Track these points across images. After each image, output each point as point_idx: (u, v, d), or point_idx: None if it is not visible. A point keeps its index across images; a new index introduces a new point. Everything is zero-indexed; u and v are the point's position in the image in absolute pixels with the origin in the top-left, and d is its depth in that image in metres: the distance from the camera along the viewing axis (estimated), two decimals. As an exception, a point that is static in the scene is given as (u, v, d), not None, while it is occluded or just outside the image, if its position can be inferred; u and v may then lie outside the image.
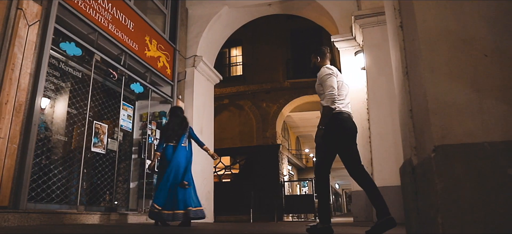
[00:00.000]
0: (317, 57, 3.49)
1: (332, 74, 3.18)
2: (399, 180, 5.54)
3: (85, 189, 4.74)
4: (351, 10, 7.04)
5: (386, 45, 5.99)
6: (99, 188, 5.09)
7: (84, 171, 4.57)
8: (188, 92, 7.42)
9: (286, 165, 16.18)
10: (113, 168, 5.14)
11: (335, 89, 3.08)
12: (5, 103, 3.46)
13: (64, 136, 4.40)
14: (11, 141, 3.50)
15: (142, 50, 5.90)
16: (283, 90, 15.17)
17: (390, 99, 5.75)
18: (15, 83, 3.58)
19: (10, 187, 3.46)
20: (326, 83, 3.14)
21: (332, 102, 3.03)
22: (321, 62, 3.44)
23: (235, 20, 8.34)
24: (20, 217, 3.50)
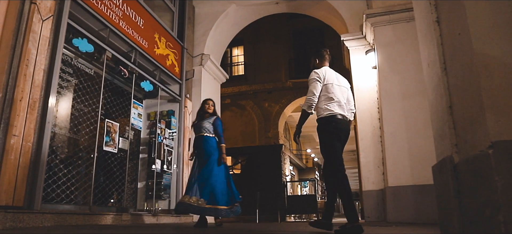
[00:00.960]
0: (316, 59, 3.52)
1: (316, 79, 3.23)
2: (413, 179, 5.52)
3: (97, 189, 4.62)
4: (361, 9, 6.98)
5: (398, 44, 5.95)
6: (108, 188, 4.99)
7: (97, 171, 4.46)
8: (196, 91, 7.33)
9: (288, 165, 16.12)
10: (123, 167, 5.03)
11: (315, 95, 3.16)
12: (20, 100, 3.35)
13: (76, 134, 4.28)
14: (25, 139, 3.39)
15: (151, 48, 5.80)
16: (285, 90, 15.10)
17: (403, 98, 5.70)
18: (29, 80, 3.48)
19: (24, 187, 3.35)
20: (310, 87, 3.21)
21: (308, 107, 3.16)
22: (319, 64, 3.46)
23: (242, 19, 8.26)
24: (35, 217, 3.40)
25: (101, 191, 4.74)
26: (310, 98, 3.16)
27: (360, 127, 6.43)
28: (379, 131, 6.34)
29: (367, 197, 6.15)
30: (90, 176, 4.39)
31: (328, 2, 7.21)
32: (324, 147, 3.22)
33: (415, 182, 5.38)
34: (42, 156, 3.54)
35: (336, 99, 3.21)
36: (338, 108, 3.22)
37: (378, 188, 6.13)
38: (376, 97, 6.48)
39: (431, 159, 5.42)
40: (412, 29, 5.92)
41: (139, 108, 5.36)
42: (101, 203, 4.91)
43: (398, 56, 5.87)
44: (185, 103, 6.78)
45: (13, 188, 3.23)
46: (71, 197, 4.30)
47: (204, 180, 3.98)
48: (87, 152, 4.54)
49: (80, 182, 4.43)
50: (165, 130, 6.09)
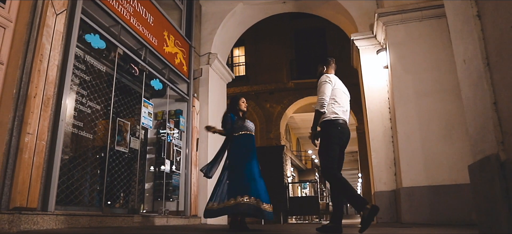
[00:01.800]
0: (323, 66, 3.73)
1: (327, 82, 3.43)
2: (428, 180, 5.43)
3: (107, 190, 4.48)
4: (371, 8, 6.93)
5: (411, 43, 5.88)
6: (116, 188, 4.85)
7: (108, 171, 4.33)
8: (203, 90, 7.21)
9: (289, 166, 16.02)
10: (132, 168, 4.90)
11: (326, 96, 3.35)
12: (34, 97, 3.22)
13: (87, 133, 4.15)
14: (39, 137, 3.26)
15: (161, 46, 5.68)
16: (287, 91, 15.03)
17: (416, 98, 5.63)
18: (43, 76, 3.34)
19: (38, 187, 3.21)
20: (320, 89, 3.42)
21: (320, 106, 3.33)
22: (326, 72, 3.67)
23: (249, 18, 8.16)
24: (49, 219, 3.26)
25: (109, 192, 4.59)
26: (322, 98, 3.35)
27: (371, 127, 6.35)
28: (390, 131, 6.27)
29: (379, 197, 6.07)
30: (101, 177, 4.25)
31: (337, 1, 7.13)
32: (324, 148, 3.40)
33: (429, 182, 5.31)
34: (56, 155, 3.41)
35: (341, 105, 3.45)
36: (342, 114, 3.45)
37: (390, 188, 6.05)
38: (387, 97, 6.41)
39: (445, 159, 5.37)
40: (425, 28, 5.88)
41: (149, 107, 5.23)
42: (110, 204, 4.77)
43: (411, 56, 5.80)
44: (193, 103, 6.66)
45: (27, 188, 3.09)
46: (79, 198, 4.16)
47: (258, 179, 3.91)
48: (98, 152, 4.40)
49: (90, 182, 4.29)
50: (174, 130, 5.97)
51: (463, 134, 5.32)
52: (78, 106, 3.92)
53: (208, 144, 6.97)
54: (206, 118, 7.08)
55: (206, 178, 6.72)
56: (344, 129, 3.42)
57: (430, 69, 5.67)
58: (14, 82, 3.13)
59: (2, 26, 3.21)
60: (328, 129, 3.38)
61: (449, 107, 5.46)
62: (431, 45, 5.76)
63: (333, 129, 3.37)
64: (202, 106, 7.06)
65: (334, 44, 15.15)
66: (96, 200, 4.20)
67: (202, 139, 6.89)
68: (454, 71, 5.56)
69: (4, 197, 2.94)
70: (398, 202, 5.84)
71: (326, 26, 15.59)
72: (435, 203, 5.23)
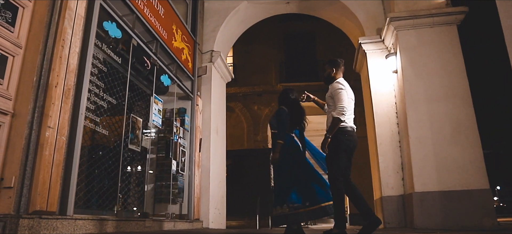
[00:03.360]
0: (333, 68, 3.77)
1: (343, 89, 3.53)
2: (440, 185, 5.42)
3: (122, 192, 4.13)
4: (378, 13, 6.93)
5: (422, 48, 5.89)
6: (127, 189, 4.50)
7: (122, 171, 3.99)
8: (205, 89, 6.93)
9: (275, 170, 15.89)
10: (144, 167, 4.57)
11: (345, 103, 3.46)
12: (55, 87, 2.87)
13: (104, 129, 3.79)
14: (60, 132, 2.91)
15: (170, 40, 5.38)
16: (275, 94, 14.84)
17: (427, 103, 5.63)
18: (65, 63, 3.00)
19: (58, 188, 2.87)
20: (339, 96, 3.49)
21: (342, 114, 3.40)
22: (336, 74, 3.74)
23: (251, 17, 7.96)
24: (68, 224, 2.92)
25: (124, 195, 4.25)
26: (343, 107, 3.43)
27: (379, 131, 6.31)
28: (397, 136, 6.25)
29: (387, 202, 6.02)
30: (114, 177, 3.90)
31: (344, 4, 7.08)
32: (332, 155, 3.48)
33: (441, 188, 5.31)
34: (75, 152, 3.06)
35: (350, 112, 3.54)
36: (351, 122, 3.56)
37: (398, 193, 6.02)
38: (394, 102, 6.40)
39: (456, 165, 5.37)
40: (436, 35, 5.91)
41: (159, 104, 4.91)
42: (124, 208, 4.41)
43: (422, 61, 5.81)
44: (196, 101, 6.38)
45: (47, 189, 2.74)
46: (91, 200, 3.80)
47: None
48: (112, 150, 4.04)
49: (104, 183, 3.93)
50: (180, 129, 5.66)
51: (473, 140, 5.37)
52: (95, 99, 3.57)
53: (210, 145, 6.70)
54: (208, 118, 6.81)
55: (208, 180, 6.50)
56: (351, 136, 3.51)
57: (440, 75, 5.70)
58: (34, 69, 2.78)
59: (19, 5, 2.85)
60: (336, 136, 3.46)
61: (459, 113, 5.50)
62: (442, 52, 5.79)
63: (340, 136, 3.46)
64: (205, 105, 6.78)
65: (323, 49, 15.22)
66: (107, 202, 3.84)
67: (204, 139, 6.61)
68: (464, 78, 5.64)
69: (24, 199, 2.58)
70: (406, 206, 5.82)
71: (316, 30, 15.65)
72: (447, 208, 5.23)
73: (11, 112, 2.65)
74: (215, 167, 6.86)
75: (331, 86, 3.70)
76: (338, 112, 3.44)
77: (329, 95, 3.72)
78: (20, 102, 2.71)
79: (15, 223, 2.44)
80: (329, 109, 3.74)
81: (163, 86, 5.26)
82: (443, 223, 5.20)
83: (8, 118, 2.65)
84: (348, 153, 3.57)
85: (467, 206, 5.16)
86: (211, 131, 6.79)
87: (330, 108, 3.68)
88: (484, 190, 5.20)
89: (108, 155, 3.93)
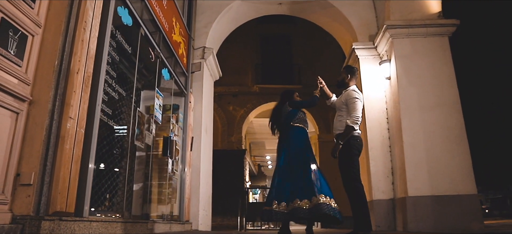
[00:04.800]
0: (348, 74, 3.94)
1: (359, 99, 3.72)
2: (432, 190, 5.60)
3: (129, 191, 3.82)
4: (370, 20, 7.08)
5: (416, 57, 6.08)
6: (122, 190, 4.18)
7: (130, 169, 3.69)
8: (197, 86, 6.68)
9: (248, 171, 15.79)
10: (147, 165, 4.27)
11: (360, 113, 3.66)
12: (76, 73, 2.57)
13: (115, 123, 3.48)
14: (79, 124, 2.61)
15: (170, 33, 5.10)
16: (251, 95, 14.80)
17: (421, 110, 5.82)
18: (86, 48, 2.70)
19: (76, 187, 2.56)
20: (355, 106, 3.66)
21: (356, 124, 3.61)
22: (350, 81, 3.91)
23: (242, 15, 7.82)
24: (84, 227, 2.62)
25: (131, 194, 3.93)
26: (358, 117, 3.63)
27: (370, 136, 6.43)
28: (388, 141, 6.41)
29: (377, 206, 6.14)
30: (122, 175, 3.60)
31: (338, 9, 7.15)
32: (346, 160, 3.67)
33: (433, 192, 5.49)
34: (91, 147, 2.76)
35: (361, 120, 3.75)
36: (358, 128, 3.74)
37: (388, 197, 6.16)
38: (385, 107, 6.55)
39: (447, 171, 5.58)
40: (429, 45, 6.13)
41: (160, 99, 4.63)
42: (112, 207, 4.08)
43: (416, 69, 5.99)
44: (189, 98, 6.12)
45: (67, 188, 2.44)
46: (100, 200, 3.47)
47: None
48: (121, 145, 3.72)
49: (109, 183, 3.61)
50: (175, 126, 5.39)
51: (462, 147, 5.62)
52: (107, 89, 3.26)
53: (202, 143, 6.47)
54: (199, 116, 6.57)
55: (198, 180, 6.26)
56: (361, 140, 3.78)
57: (433, 84, 5.91)
58: (55, 52, 2.47)
59: (38, -20, 2.52)
60: (350, 141, 3.64)
61: (450, 121, 5.73)
62: (434, 61, 6.01)
63: (352, 141, 3.66)
64: (196, 103, 6.54)
65: (299, 52, 15.39)
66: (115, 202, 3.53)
67: (195, 137, 6.36)
68: (454, 87, 5.89)
69: (43, 198, 2.27)
70: (397, 210, 5.96)
71: (292, 33, 15.79)
72: (438, 213, 5.42)
73: (29, 99, 2.33)
74: (204, 167, 6.63)
75: (347, 93, 3.84)
76: (352, 121, 3.62)
77: (343, 101, 3.86)
78: (39, 89, 2.39)
79: (36, 226, 2.14)
80: (340, 113, 3.92)
81: (164, 80, 4.97)
82: (434, 226, 5.38)
83: (25, 105, 2.32)
84: (358, 156, 3.78)
85: (457, 211, 5.38)
86: (202, 130, 6.56)
87: (342, 113, 3.85)
88: (472, 195, 5.45)
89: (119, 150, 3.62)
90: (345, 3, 7.13)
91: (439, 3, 6.23)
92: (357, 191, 3.64)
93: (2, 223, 2.08)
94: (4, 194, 2.13)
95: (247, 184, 14.69)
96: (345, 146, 3.66)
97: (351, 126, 3.62)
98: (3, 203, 2.13)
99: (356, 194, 3.64)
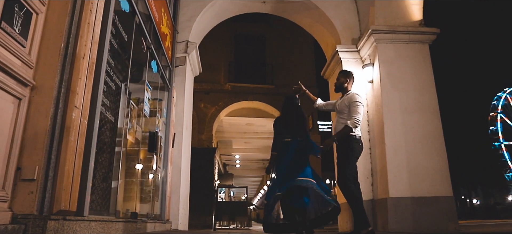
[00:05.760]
0: (347, 78, 4.10)
1: (362, 104, 3.82)
2: (411, 191, 5.79)
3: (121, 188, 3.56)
4: (354, 24, 7.21)
5: (399, 62, 6.27)
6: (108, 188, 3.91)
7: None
8: (179, 81, 6.44)
9: (218, 170, 15.58)
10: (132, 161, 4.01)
11: (361, 117, 3.75)
12: (82, 58, 2.33)
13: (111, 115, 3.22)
14: (83, 114, 2.37)
15: (160, 23, 4.86)
16: (223, 93, 14.60)
17: (402, 114, 6.00)
18: (91, 31, 2.47)
19: (78, 184, 2.33)
20: (357, 109, 3.74)
21: (355, 127, 3.65)
22: (348, 85, 4.07)
23: (226, 11, 7.65)
24: (84, 226, 2.39)
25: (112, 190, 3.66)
26: (359, 120, 3.69)
27: (351, 138, 6.53)
28: (368, 143, 6.55)
29: (358, 206, 6.25)
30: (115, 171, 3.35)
31: (322, 12, 7.21)
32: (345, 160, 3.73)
33: (413, 194, 5.68)
34: (93, 140, 2.53)
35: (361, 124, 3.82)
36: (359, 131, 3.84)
37: (367, 198, 6.28)
38: (366, 110, 6.69)
39: (426, 173, 5.80)
40: (411, 51, 6.34)
41: (149, 92, 4.39)
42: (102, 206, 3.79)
43: (398, 74, 6.17)
44: (173, 93, 5.89)
45: (71, 184, 2.20)
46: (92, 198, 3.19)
47: None
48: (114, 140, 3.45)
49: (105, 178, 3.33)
50: (160, 121, 5.15)
51: (440, 151, 5.87)
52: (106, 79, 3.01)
53: (183, 139, 6.25)
54: (181, 112, 6.35)
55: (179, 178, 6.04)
56: (362, 143, 3.86)
57: (414, 89, 6.13)
58: (61, 33, 2.22)
59: (41, -48, 2.26)
60: (352, 144, 3.71)
61: (430, 125, 5.97)
62: (416, 67, 6.24)
63: (355, 144, 3.73)
64: (179, 98, 6.30)
65: (273, 53, 15.43)
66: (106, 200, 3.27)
67: (177, 134, 6.13)
68: (434, 93, 6.15)
69: (47, 194, 2.03)
70: (378, 211, 6.11)
71: (266, 34, 15.80)
72: (417, 213, 5.61)
73: (32, 83, 2.08)
74: (184, 165, 6.42)
75: (350, 96, 3.92)
76: (352, 124, 3.68)
77: (346, 104, 3.92)
78: (42, 73, 2.14)
79: (41, 227, 1.91)
80: (341, 116, 3.96)
81: (152, 73, 4.73)
82: (414, 227, 5.56)
83: (28, 91, 2.07)
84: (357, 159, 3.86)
85: (434, 212, 5.61)
86: (183, 126, 6.34)
87: (344, 116, 3.89)
88: (448, 197, 5.71)
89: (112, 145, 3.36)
90: (330, 4, 7.21)
91: (421, 12, 6.48)
92: (351, 192, 3.70)
93: (1, 223, 1.82)
94: (4, 190, 1.88)
95: (216, 183, 14.46)
96: (346, 147, 3.72)
97: (350, 127, 3.68)
98: (2, 200, 1.87)
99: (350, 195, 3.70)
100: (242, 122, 16.77)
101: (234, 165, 21.64)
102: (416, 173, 5.75)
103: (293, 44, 15.63)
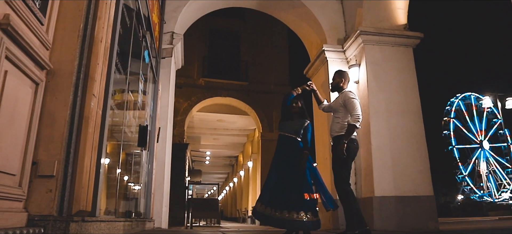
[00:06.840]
0: (342, 79, 4.12)
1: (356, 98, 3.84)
2: (396, 191, 5.94)
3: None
4: (339, 24, 7.27)
5: (385, 64, 6.40)
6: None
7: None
8: (164, 73, 6.16)
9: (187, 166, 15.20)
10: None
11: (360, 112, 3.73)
12: (100, 41, 2.10)
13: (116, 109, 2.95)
14: (99, 104, 2.14)
15: (152, 11, 4.59)
16: (196, 88, 14.30)
17: (387, 114, 6.13)
18: (108, 13, 2.23)
19: (93, 182, 2.09)
20: (354, 105, 3.75)
21: (358, 122, 3.66)
22: (344, 84, 4.09)
23: (212, 4, 7.43)
24: (97, 228, 2.17)
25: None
26: (359, 115, 3.69)
27: (336, 137, 6.59)
28: (352, 143, 6.64)
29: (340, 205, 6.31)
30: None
31: (309, 10, 7.20)
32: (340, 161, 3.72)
33: (397, 193, 5.83)
34: (104, 132, 2.29)
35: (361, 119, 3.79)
36: None
37: (351, 197, 6.38)
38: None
39: (409, 173, 5.97)
40: (396, 54, 6.50)
41: (142, 83, 4.13)
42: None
43: (384, 76, 6.30)
44: (159, 86, 5.61)
45: (88, 181, 1.98)
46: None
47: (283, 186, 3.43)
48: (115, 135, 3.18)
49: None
50: (148, 114, 4.88)
51: (422, 152, 6.07)
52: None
53: (167, 134, 5.99)
54: (166, 105, 6.08)
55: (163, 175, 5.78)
56: (358, 143, 3.86)
57: (399, 91, 6.29)
58: (81, 12, 1.98)
59: None
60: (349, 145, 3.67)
61: (413, 127, 6.15)
62: (400, 70, 6.40)
63: (350, 144, 3.70)
64: (164, 91, 6.02)
65: (247, 50, 15.32)
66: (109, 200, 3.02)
67: (162, 128, 5.85)
68: (417, 96, 6.35)
69: (67, 193, 1.80)
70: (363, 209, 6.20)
71: (241, 31, 15.65)
72: (401, 212, 5.77)
73: (49, 67, 1.83)
74: (167, 161, 6.16)
75: (343, 95, 3.93)
76: (354, 120, 3.67)
77: (340, 103, 3.92)
78: (59, 56, 1.89)
79: (62, 229, 1.68)
80: (337, 115, 3.97)
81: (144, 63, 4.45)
82: (397, 225, 5.71)
83: (44, 74, 1.82)
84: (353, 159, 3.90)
85: (416, 211, 5.79)
86: (168, 120, 6.08)
87: (339, 115, 3.92)
88: (429, 197, 5.91)
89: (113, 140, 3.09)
90: (317, 4, 7.22)
91: (406, 16, 6.66)
92: (347, 194, 3.73)
93: (15, 226, 1.58)
94: (21, 188, 1.63)
95: (187, 179, 14.13)
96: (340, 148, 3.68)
97: (353, 124, 3.67)
98: (18, 199, 1.63)
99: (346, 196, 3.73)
100: (214, 118, 16.53)
101: (202, 162, 21.30)
102: (400, 173, 5.90)
103: (267, 42, 15.62)
